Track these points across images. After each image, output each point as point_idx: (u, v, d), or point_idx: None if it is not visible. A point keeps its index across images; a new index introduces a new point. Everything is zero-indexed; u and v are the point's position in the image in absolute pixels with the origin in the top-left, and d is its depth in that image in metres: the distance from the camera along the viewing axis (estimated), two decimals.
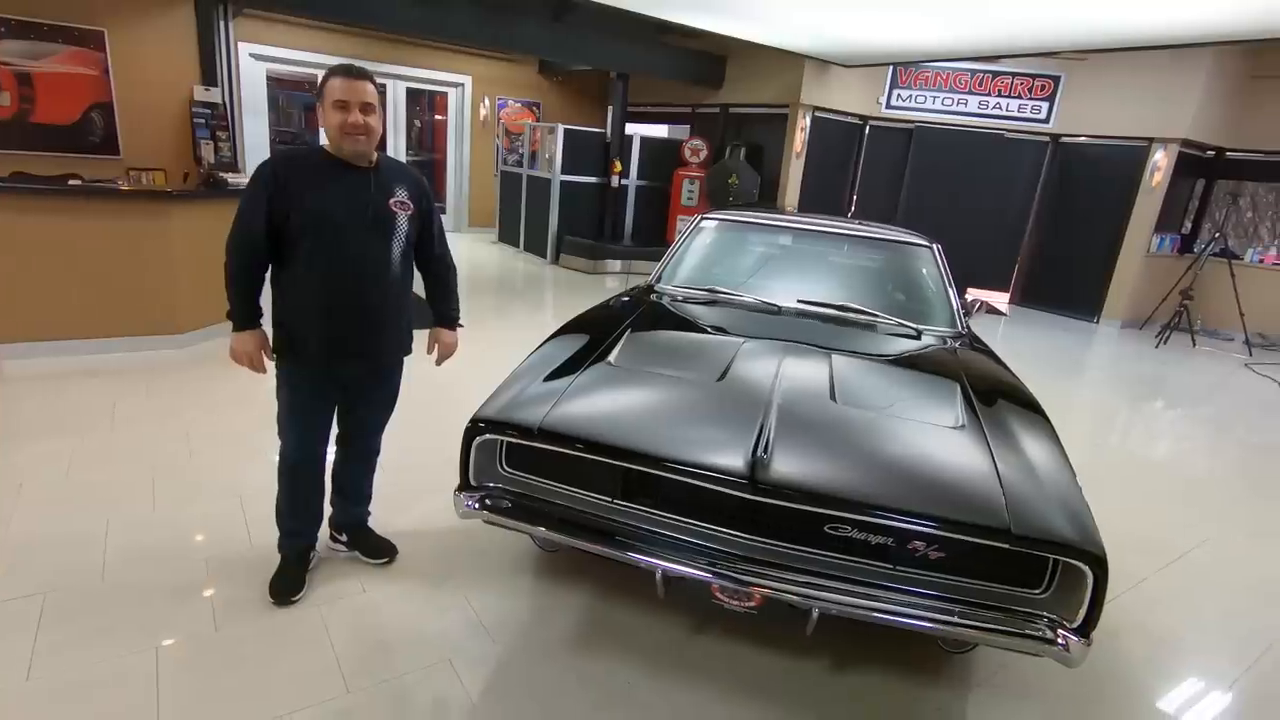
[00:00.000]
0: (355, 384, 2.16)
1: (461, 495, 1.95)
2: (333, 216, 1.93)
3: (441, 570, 2.38)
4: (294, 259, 1.95)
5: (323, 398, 2.12)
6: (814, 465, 1.77)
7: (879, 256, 3.33)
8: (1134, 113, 7.63)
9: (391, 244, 2.04)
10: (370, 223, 1.98)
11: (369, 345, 2.08)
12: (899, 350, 2.63)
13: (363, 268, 2.00)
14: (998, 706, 2.03)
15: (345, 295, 1.99)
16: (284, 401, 2.09)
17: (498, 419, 1.91)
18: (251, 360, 2.02)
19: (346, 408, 2.21)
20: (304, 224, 1.91)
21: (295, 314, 1.99)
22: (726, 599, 1.82)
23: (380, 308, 2.06)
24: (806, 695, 2.00)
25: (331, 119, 1.89)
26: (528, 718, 1.82)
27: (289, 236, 1.93)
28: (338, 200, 1.94)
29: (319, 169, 1.95)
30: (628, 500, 1.93)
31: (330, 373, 2.07)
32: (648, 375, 2.19)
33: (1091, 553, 1.56)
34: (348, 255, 1.96)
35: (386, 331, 2.11)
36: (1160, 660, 2.33)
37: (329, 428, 2.18)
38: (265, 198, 1.90)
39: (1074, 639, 1.59)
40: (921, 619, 1.67)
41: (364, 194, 1.97)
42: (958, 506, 1.66)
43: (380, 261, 2.02)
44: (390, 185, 2.03)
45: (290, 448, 2.12)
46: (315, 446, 2.15)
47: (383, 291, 2.05)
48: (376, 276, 2.02)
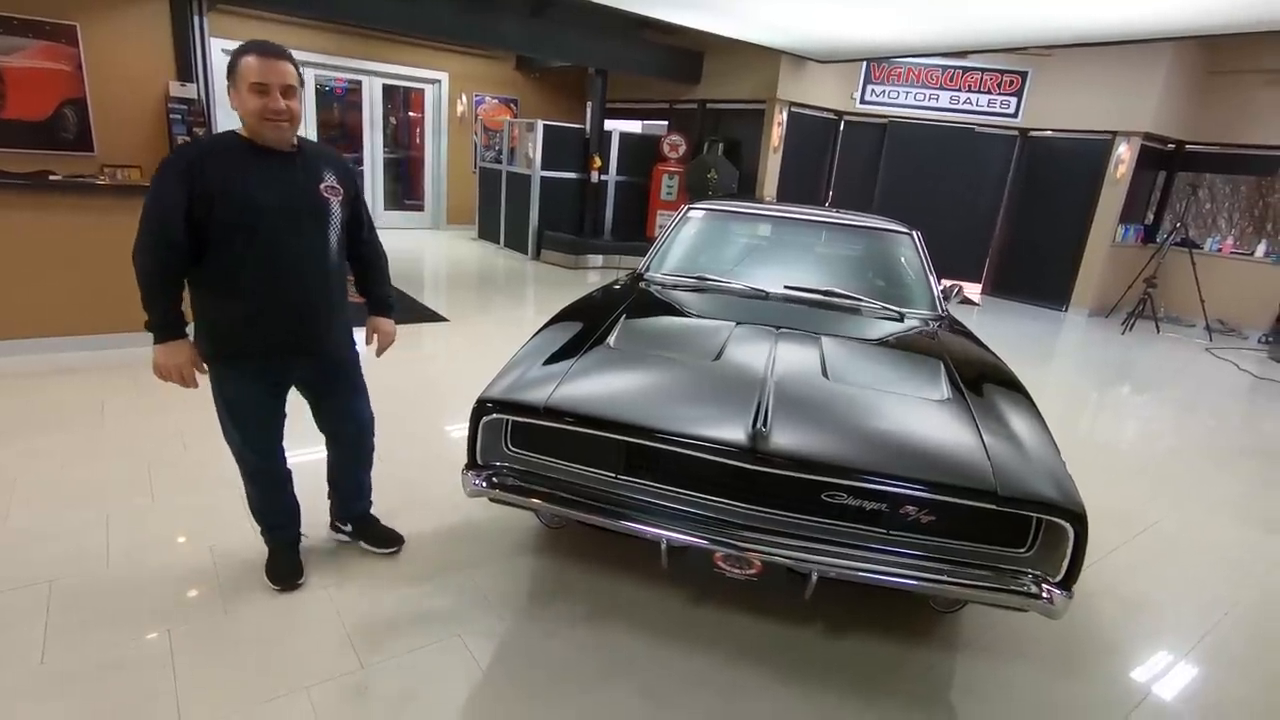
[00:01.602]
0: (311, 381, 2.09)
1: (469, 474, 2.00)
2: (264, 207, 1.81)
3: (446, 553, 2.43)
4: (222, 256, 1.81)
5: (271, 397, 2.02)
6: (811, 436, 1.85)
7: (861, 243, 3.44)
8: (1098, 107, 7.88)
9: (328, 232, 1.94)
10: (304, 211, 1.88)
11: (318, 341, 2.00)
12: (884, 332, 2.73)
13: (302, 260, 1.89)
14: (984, 664, 2.14)
15: (286, 291, 1.88)
16: (228, 409, 1.97)
17: (504, 399, 1.97)
18: (182, 374, 1.86)
19: (314, 404, 2.16)
20: (232, 217, 1.78)
21: (230, 316, 1.87)
22: (729, 567, 1.89)
23: (324, 300, 1.97)
24: (803, 659, 2.09)
25: (250, 104, 1.76)
26: (536, 686, 1.88)
27: (214, 232, 1.79)
28: (266, 189, 1.82)
29: (241, 157, 1.81)
30: (630, 475, 2.00)
31: (278, 373, 2.00)
32: (646, 357, 2.26)
33: (1072, 511, 1.66)
34: (284, 248, 1.85)
35: (334, 324, 2.02)
36: (1131, 622, 2.46)
37: (282, 425, 2.10)
38: (184, 192, 1.73)
39: (1057, 592, 1.69)
40: (914, 579, 1.76)
41: (293, 181, 1.87)
42: (947, 471, 1.76)
43: (319, 252, 1.93)
44: (318, 170, 1.93)
45: (246, 453, 2.05)
46: (273, 446, 2.09)
47: (325, 283, 1.96)
48: (317, 268, 1.93)
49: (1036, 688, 2.07)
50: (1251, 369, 6.51)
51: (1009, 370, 2.49)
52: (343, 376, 2.15)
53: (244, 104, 1.77)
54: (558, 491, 1.98)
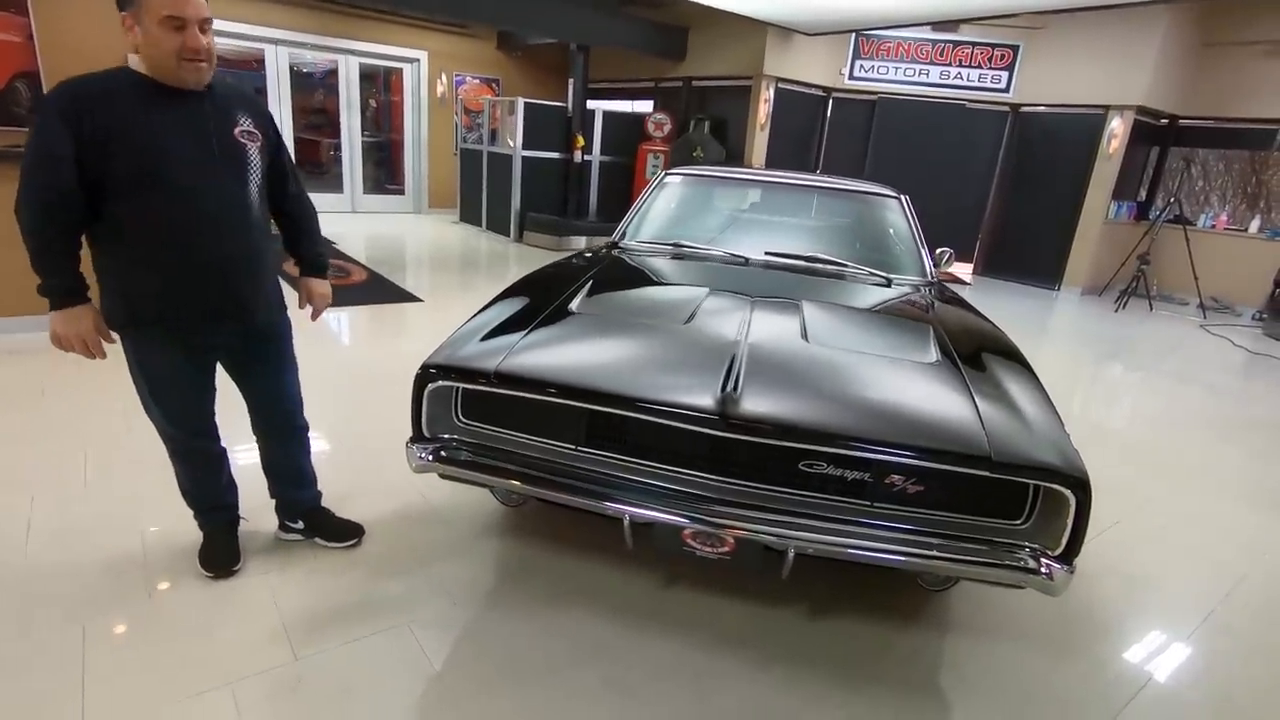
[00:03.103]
0: (235, 350, 1.88)
1: (414, 447, 1.82)
2: (171, 154, 1.60)
3: (401, 538, 2.26)
4: (125, 211, 1.60)
5: (196, 368, 1.82)
6: (786, 399, 1.69)
7: (847, 208, 3.26)
8: (1091, 81, 7.71)
9: (247, 182, 1.73)
10: (218, 158, 1.67)
11: (243, 304, 1.79)
12: (870, 298, 2.57)
13: (219, 213, 1.68)
14: (977, 646, 1.99)
15: (203, 249, 1.67)
16: (147, 383, 1.78)
17: (449, 364, 1.79)
18: (86, 343, 1.65)
19: (240, 379, 1.95)
20: (133, 167, 1.57)
21: (141, 279, 1.66)
22: (698, 545, 1.73)
23: (247, 258, 1.77)
24: (782, 641, 1.93)
25: (164, 42, 1.54)
26: (488, 677, 1.72)
27: (113, 184, 1.57)
28: (173, 133, 1.60)
29: (139, 98, 1.57)
30: (592, 447, 1.83)
31: (198, 341, 1.78)
32: (610, 321, 2.09)
33: (1074, 476, 1.51)
34: (198, 200, 1.65)
35: (259, 285, 1.82)
36: (1132, 600, 2.32)
37: (210, 399, 1.89)
38: (70, 136, 1.50)
39: (1057, 567, 1.53)
40: (900, 554, 1.60)
41: (202, 124, 1.65)
42: (936, 436, 1.60)
43: (238, 204, 1.72)
44: (231, 112, 1.71)
45: (171, 430, 1.85)
46: (201, 422, 1.89)
47: (246, 239, 1.75)
48: (237, 222, 1.72)
49: (1033, 671, 1.92)
50: (1246, 344, 6.39)
51: (1004, 336, 2.33)
52: (272, 347, 1.95)
53: (154, 42, 1.54)
54: (512, 465, 1.81)
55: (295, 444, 2.10)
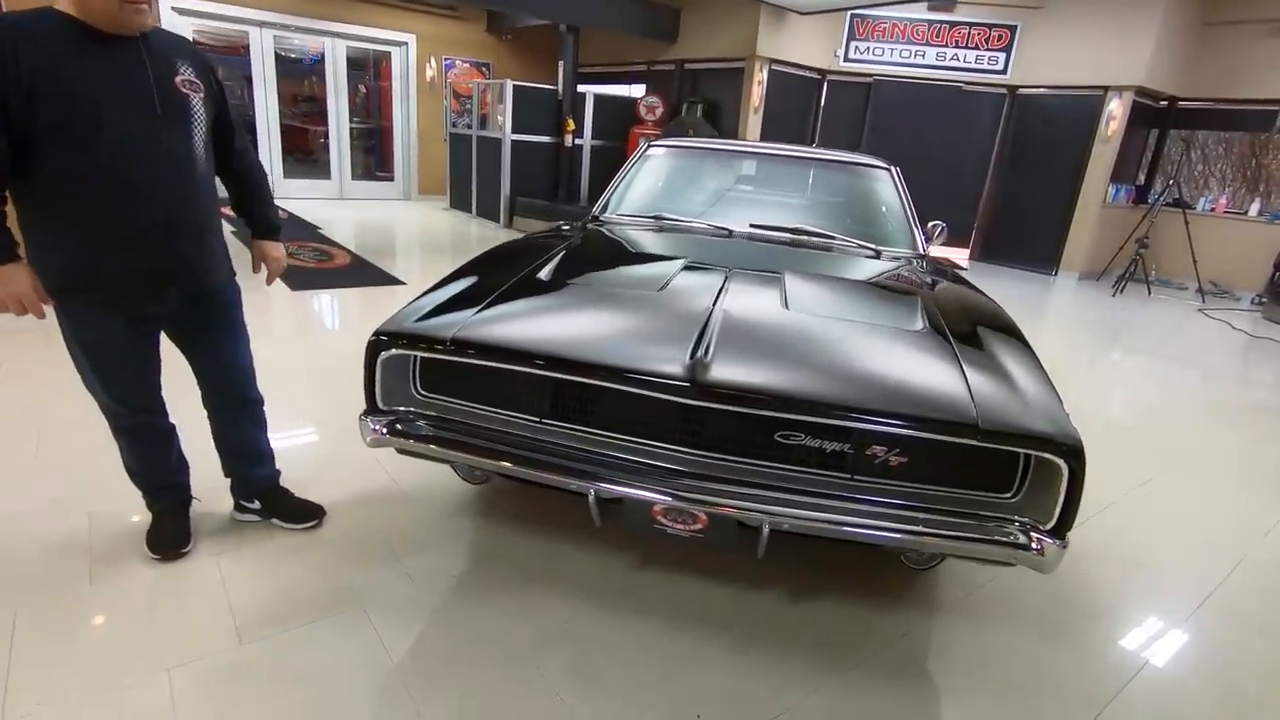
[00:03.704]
0: (180, 318, 1.76)
1: (368, 420, 1.71)
2: (107, 105, 1.48)
3: (362, 519, 2.15)
4: (55, 166, 1.48)
5: (138, 337, 1.70)
6: (761, 366, 1.58)
7: (835, 179, 3.15)
8: (1089, 61, 7.57)
9: (191, 135, 1.61)
10: (158, 110, 1.54)
11: (187, 266, 1.67)
12: (857, 269, 2.46)
13: (159, 167, 1.57)
14: (965, 629, 1.89)
15: (142, 208, 1.56)
16: (85, 353, 1.67)
17: (402, 331, 1.68)
18: (24, 302, 1.53)
19: (186, 350, 1.84)
20: (63, 117, 1.44)
21: (74, 240, 1.55)
22: (669, 522, 1.63)
23: (190, 218, 1.65)
24: (760, 624, 1.83)
25: None
26: (445, 661, 1.62)
27: (41, 136, 1.44)
28: (108, 82, 1.48)
29: (68, 42, 1.44)
30: (556, 420, 1.72)
31: (139, 308, 1.66)
32: (579, 289, 1.98)
33: (1066, 444, 1.40)
34: (136, 153, 1.53)
35: (204, 247, 1.70)
36: (1129, 582, 2.23)
37: (155, 371, 1.78)
38: None
39: (1048, 541, 1.43)
40: (883, 530, 1.50)
41: (140, 72, 1.52)
42: (919, 402, 1.49)
43: (180, 157, 1.60)
44: (171, 60, 1.58)
45: (113, 405, 1.74)
46: (146, 396, 1.78)
47: (190, 197, 1.63)
48: (179, 179, 1.61)
49: (1024, 655, 1.82)
50: (1246, 328, 6.30)
51: (999, 309, 2.22)
52: (219, 314, 1.83)
53: None
54: (473, 440, 1.70)
55: (248, 418, 1.98)
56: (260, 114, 8.74)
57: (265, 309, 4.37)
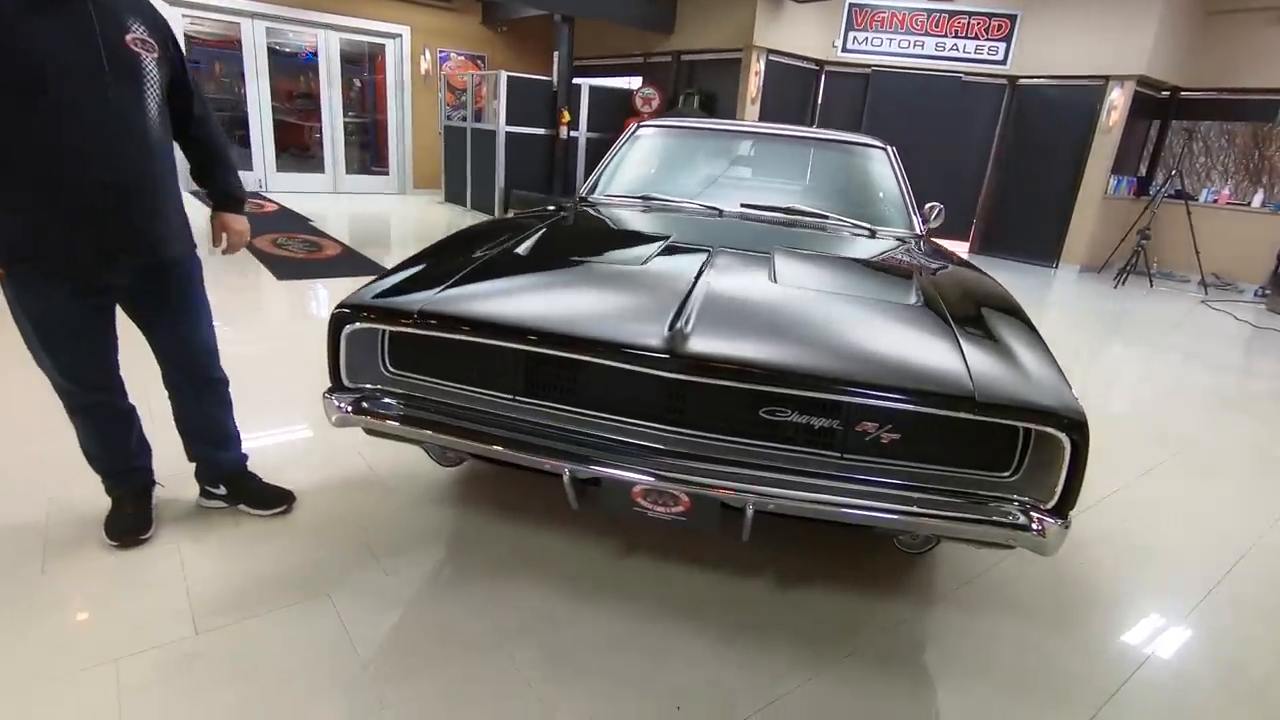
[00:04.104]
0: (136, 292, 1.67)
1: (333, 398, 1.63)
2: (51, 63, 1.39)
3: (334, 504, 2.07)
4: None
5: (91, 312, 1.62)
6: (744, 337, 1.49)
7: (830, 159, 3.06)
8: (1090, 51, 7.47)
9: (144, 96, 1.52)
10: (106, 68, 1.46)
11: (138, 237, 1.58)
12: (852, 249, 2.37)
13: (108, 129, 1.48)
14: (962, 619, 1.80)
15: (90, 173, 1.48)
16: (34, 329, 1.59)
17: (366, 304, 1.59)
18: None
19: (143, 326, 1.74)
20: (6, 76, 1.37)
21: (15, 208, 1.47)
22: (650, 505, 1.54)
23: (143, 184, 1.56)
24: (747, 612, 1.75)
25: None
26: (411, 652, 1.53)
27: None
28: (52, 38, 1.39)
29: None
30: (531, 397, 1.63)
31: (90, 281, 1.58)
32: (557, 263, 1.90)
33: (1068, 418, 1.31)
34: (83, 114, 1.44)
35: (158, 215, 1.61)
36: (1133, 571, 2.14)
37: (111, 348, 1.70)
38: None
39: (1050, 521, 1.34)
40: (874, 510, 1.41)
41: (86, 26, 1.44)
42: (912, 375, 1.40)
43: (130, 118, 1.51)
44: (120, 16, 1.49)
45: (66, 384, 1.66)
46: (101, 374, 1.70)
47: (142, 162, 1.55)
48: (131, 143, 1.52)
49: (1023, 645, 1.74)
50: (1250, 319, 6.21)
51: (1000, 288, 2.13)
52: (177, 288, 1.73)
53: None
54: (442, 418, 1.62)
55: (212, 399, 1.89)
56: (253, 107, 8.65)
57: (250, 298, 4.29)
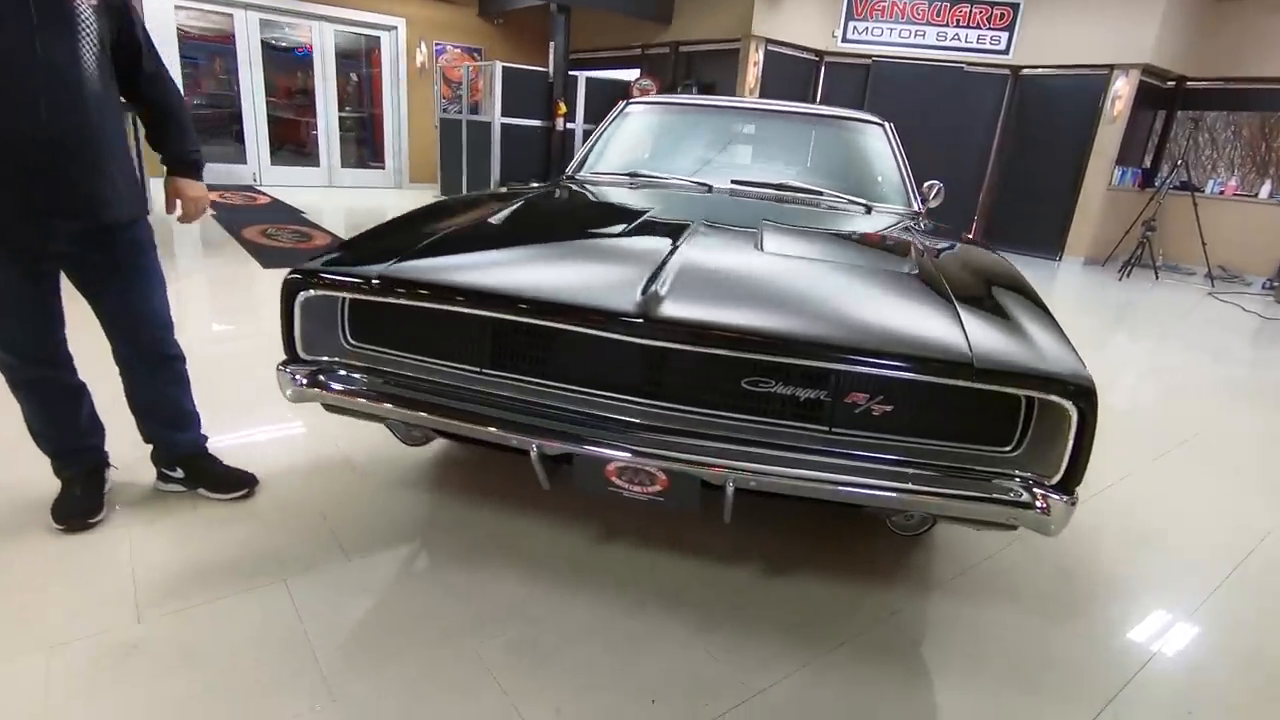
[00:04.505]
0: (79, 260, 1.57)
1: (287, 370, 1.52)
2: None
3: (302, 487, 1.97)
4: None
5: (28, 281, 1.52)
6: (724, 301, 1.39)
7: (825, 136, 2.95)
8: (1094, 38, 7.35)
9: (78, 46, 1.41)
10: (35, 14, 1.34)
11: (77, 198, 1.47)
12: (846, 223, 2.26)
13: (38, 83, 1.36)
14: (959, 609, 1.70)
15: (17, 125, 1.37)
16: None
17: (320, 270, 1.49)
18: None
19: (90, 296, 1.64)
20: None
21: None
22: (625, 484, 1.44)
23: (81, 140, 1.45)
24: (731, 601, 1.64)
25: None
26: (372, 641, 1.43)
27: None
28: None
29: None
30: (498, 370, 1.53)
31: (28, 246, 1.47)
32: (530, 233, 1.80)
33: (1075, 384, 1.20)
34: (10, 65, 1.34)
35: (100, 175, 1.49)
36: (1140, 560, 2.03)
37: (55, 319, 1.60)
38: None
39: (1055, 498, 1.24)
40: (864, 488, 1.30)
41: None
42: (905, 341, 1.29)
43: (64, 72, 1.39)
44: None
45: (7, 357, 1.58)
46: (46, 348, 1.60)
47: (80, 116, 1.43)
48: (63, 95, 1.40)
49: (1025, 639, 1.63)
50: (1258, 310, 6.08)
51: (1006, 263, 2.00)
52: (125, 255, 1.62)
53: None
54: (404, 392, 1.51)
55: (166, 376, 1.79)
56: (246, 101, 8.56)
57: (235, 285, 4.19)
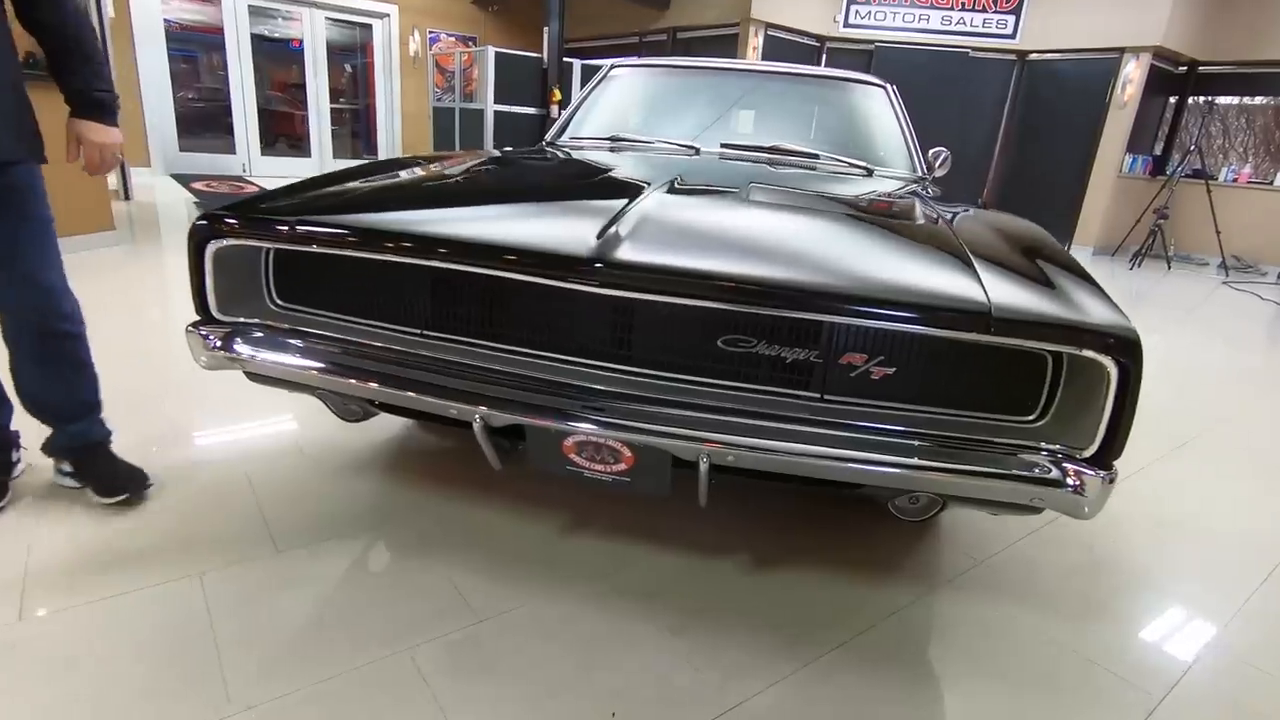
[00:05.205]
0: None
1: (198, 332, 1.33)
2: None
3: (236, 470, 1.77)
4: None
5: None
6: (696, 244, 1.19)
7: (822, 97, 2.75)
8: (1104, 21, 7.13)
9: None
10: None
11: None
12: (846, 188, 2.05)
13: None
14: (970, 607, 1.49)
15: None
16: None
17: (235, 214, 1.29)
18: None
19: None
20: None
21: None
22: (586, 462, 1.25)
23: None
24: (711, 600, 1.44)
25: None
26: (293, 646, 1.23)
27: None
28: None
29: None
30: (441, 331, 1.33)
31: None
32: (486, 184, 1.60)
33: (1115, 335, 1.00)
34: None
35: None
36: (1172, 553, 1.82)
37: None
38: None
39: (1089, 474, 1.04)
40: (862, 464, 1.10)
41: None
42: (909, 289, 1.09)
43: None
44: None
45: None
46: None
47: None
48: None
49: (1044, 642, 1.42)
50: (1276, 299, 5.86)
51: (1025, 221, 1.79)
52: (2, 201, 1.39)
53: None
54: (335, 358, 1.32)
55: (54, 355, 1.52)
56: (235, 91, 8.39)
57: None
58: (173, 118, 7.87)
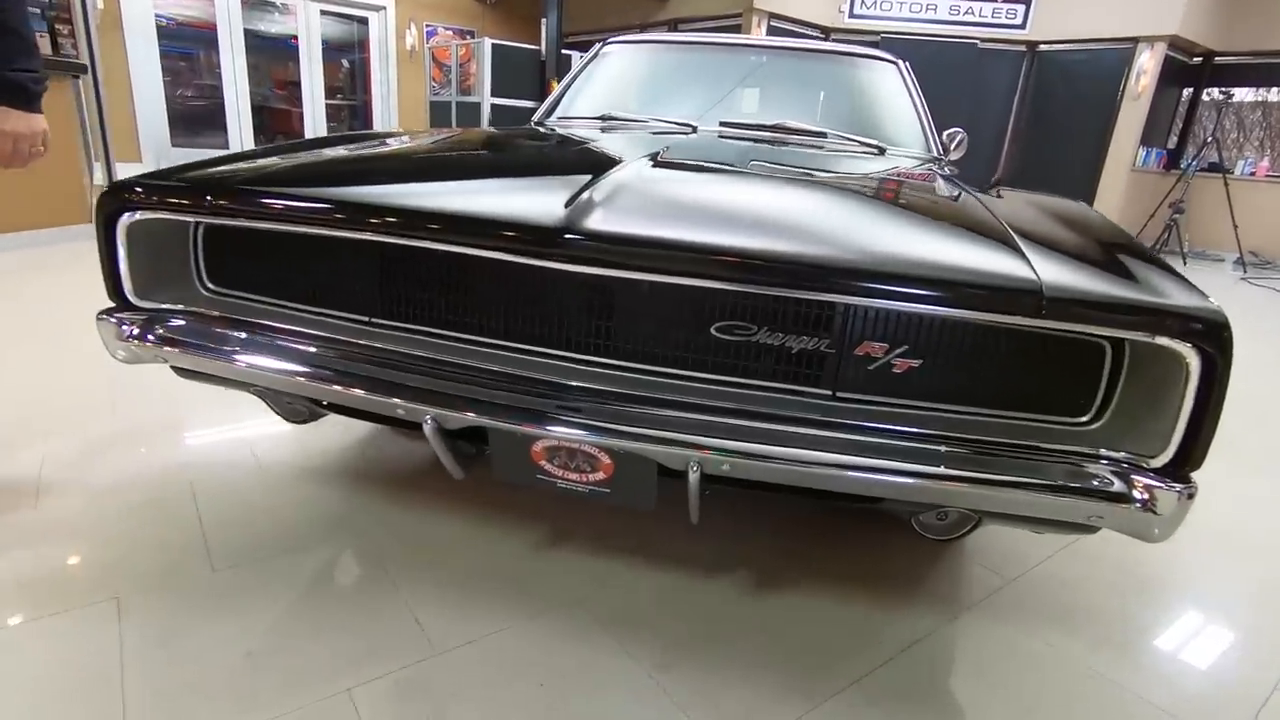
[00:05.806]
0: None
1: (110, 320, 1.15)
2: None
3: (178, 480, 1.60)
4: None
5: None
6: (683, 211, 1.01)
7: (830, 74, 2.56)
8: (1117, 10, 6.92)
9: None
10: None
11: None
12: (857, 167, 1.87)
13: None
14: (1000, 637, 1.31)
15: None
16: None
17: (149, 182, 1.11)
18: None
19: None
20: None
21: None
22: (559, 471, 1.06)
23: None
24: (703, 629, 1.26)
25: None
26: (216, 679, 1.05)
27: None
28: None
29: None
30: (391, 319, 1.15)
31: None
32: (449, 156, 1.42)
33: (1199, 318, 0.82)
34: None
35: None
36: (1224, 570, 1.63)
37: None
38: None
39: (1161, 487, 0.85)
40: (881, 473, 0.92)
41: None
42: (940, 264, 0.91)
43: None
44: None
45: None
46: None
47: None
48: None
49: (1084, 675, 1.24)
50: None
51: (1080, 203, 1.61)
52: None
53: None
54: (270, 350, 1.14)
55: None
56: (229, 86, 8.23)
57: None
58: (164, 113, 7.71)
